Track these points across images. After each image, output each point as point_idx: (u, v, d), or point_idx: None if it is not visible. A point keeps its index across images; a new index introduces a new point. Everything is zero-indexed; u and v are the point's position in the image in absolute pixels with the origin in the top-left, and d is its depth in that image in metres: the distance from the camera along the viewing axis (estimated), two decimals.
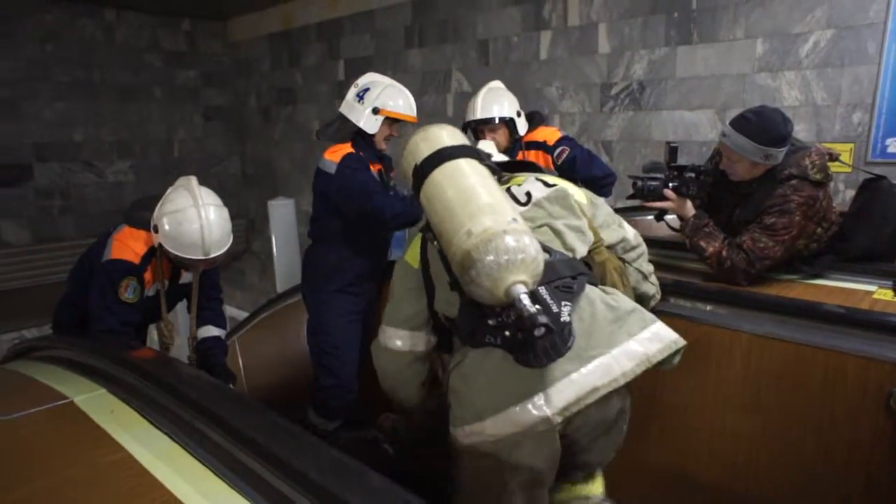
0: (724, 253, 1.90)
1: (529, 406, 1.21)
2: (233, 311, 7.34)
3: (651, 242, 2.33)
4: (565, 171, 2.46)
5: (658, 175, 2.07)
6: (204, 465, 0.99)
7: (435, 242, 1.30)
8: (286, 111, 6.31)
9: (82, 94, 5.75)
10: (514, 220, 1.14)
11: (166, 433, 1.11)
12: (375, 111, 2.34)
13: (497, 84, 2.71)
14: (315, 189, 2.46)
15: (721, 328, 1.69)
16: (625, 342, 1.27)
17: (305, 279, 2.59)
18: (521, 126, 2.64)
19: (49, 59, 5.51)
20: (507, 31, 4.33)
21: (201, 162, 6.59)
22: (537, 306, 1.07)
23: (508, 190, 1.46)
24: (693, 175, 2.02)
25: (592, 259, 1.48)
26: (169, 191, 2.08)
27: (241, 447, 0.95)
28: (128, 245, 2.04)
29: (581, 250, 1.41)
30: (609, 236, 1.56)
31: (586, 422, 1.31)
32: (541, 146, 2.65)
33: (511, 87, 2.76)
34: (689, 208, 2.01)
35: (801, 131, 3.01)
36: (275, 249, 5.17)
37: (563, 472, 1.43)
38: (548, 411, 1.20)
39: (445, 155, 1.28)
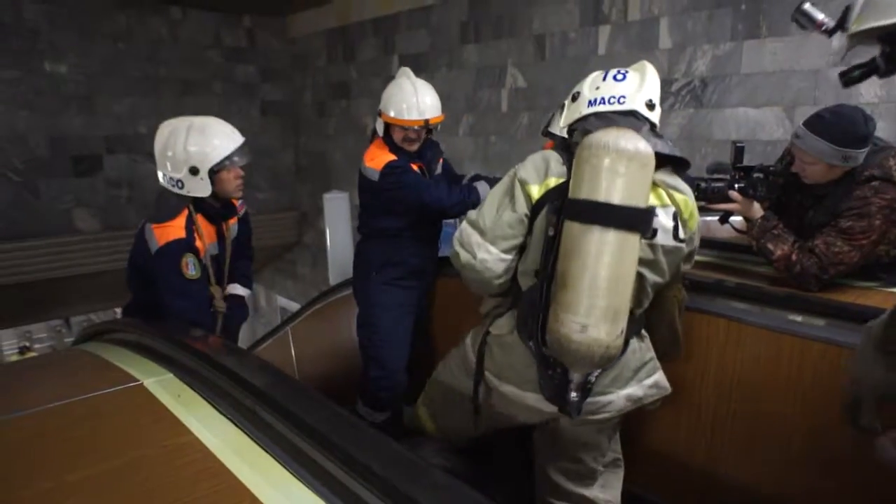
0: (793, 257, 1.81)
1: (542, 400, 1.46)
2: (283, 302, 7.54)
3: (716, 245, 2.25)
4: None
5: (723, 176, 1.99)
6: (267, 452, 1.02)
7: (551, 230, 1.38)
8: (340, 105, 6.40)
9: (148, 89, 5.99)
10: (621, 333, 1.29)
11: (230, 419, 1.14)
12: (379, 114, 2.42)
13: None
14: (361, 188, 2.50)
15: (791, 335, 1.61)
16: (633, 387, 1.48)
17: (356, 272, 2.63)
18: None
19: (121, 56, 5.77)
20: (565, 25, 4.24)
21: (256, 155, 6.73)
22: (579, 393, 1.39)
23: None
24: (762, 176, 1.93)
25: (662, 293, 1.53)
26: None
27: (303, 437, 0.96)
28: (167, 228, 2.07)
29: (646, 304, 1.50)
30: (685, 268, 1.59)
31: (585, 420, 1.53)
32: None
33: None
34: (757, 210, 1.92)
35: (881, 130, 2.82)
36: (328, 242, 5.23)
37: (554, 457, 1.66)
38: (553, 410, 1.46)
39: (624, 217, 1.25)
